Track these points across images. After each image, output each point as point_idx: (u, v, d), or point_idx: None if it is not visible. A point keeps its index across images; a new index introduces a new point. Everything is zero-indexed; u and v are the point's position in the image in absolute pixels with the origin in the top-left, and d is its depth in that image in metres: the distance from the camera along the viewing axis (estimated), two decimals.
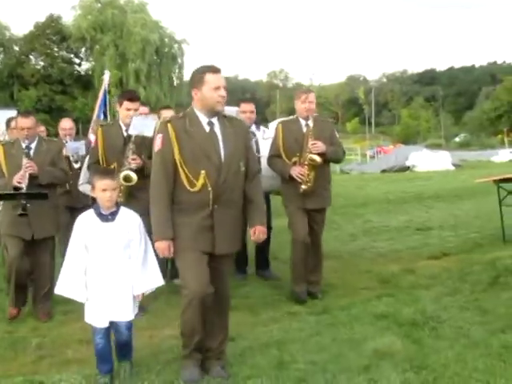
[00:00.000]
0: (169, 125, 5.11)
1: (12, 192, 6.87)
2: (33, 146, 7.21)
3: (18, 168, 6.90)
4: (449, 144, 71.85)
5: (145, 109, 8.33)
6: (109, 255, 5.06)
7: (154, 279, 5.24)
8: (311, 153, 7.26)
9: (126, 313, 5.13)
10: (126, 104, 7.15)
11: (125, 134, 7.10)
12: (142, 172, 6.85)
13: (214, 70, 5.17)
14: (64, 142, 9.06)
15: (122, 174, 6.71)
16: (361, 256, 9.92)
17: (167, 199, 5.11)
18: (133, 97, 7.34)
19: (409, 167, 35.37)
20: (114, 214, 5.14)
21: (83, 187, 7.78)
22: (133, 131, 6.96)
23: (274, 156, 7.68)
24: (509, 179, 10.34)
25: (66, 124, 9.72)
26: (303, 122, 7.53)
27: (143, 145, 7.00)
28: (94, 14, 56.46)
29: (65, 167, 7.55)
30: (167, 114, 8.31)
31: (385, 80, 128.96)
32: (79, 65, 60.72)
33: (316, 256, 7.70)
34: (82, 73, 60.09)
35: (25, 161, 6.94)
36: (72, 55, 59.84)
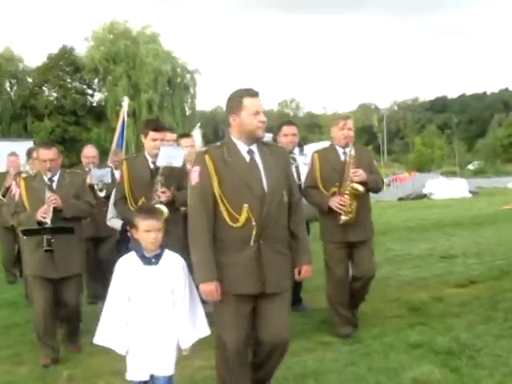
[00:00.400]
0: (206, 156, 4.77)
1: (37, 227, 6.59)
2: (55, 178, 6.94)
3: (40, 202, 6.64)
4: (463, 171, 71.72)
5: (173, 135, 8.07)
6: (152, 302, 4.63)
7: (202, 328, 4.82)
8: (352, 181, 6.81)
9: (167, 366, 4.69)
10: (152, 134, 6.80)
11: (151, 166, 6.82)
12: (172, 205, 6.60)
13: (252, 94, 4.87)
14: (87, 169, 9.08)
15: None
16: (387, 284, 9.74)
17: (209, 236, 4.71)
18: (158, 126, 7.04)
19: (426, 195, 35.08)
20: (158, 257, 4.71)
21: (111, 222, 7.60)
22: (161, 162, 6.67)
23: (310, 187, 7.19)
24: None
25: (89, 152, 9.50)
26: (340, 150, 7.10)
27: (172, 176, 6.75)
28: (107, 45, 56.76)
29: (89, 199, 7.25)
30: (186, 142, 8.35)
31: (396, 108, 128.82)
32: (92, 96, 60.82)
33: (363, 291, 7.26)
34: (95, 104, 60.33)
35: (48, 194, 6.65)
36: (85, 86, 59.92)
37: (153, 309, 4.62)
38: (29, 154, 9.58)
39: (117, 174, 9.08)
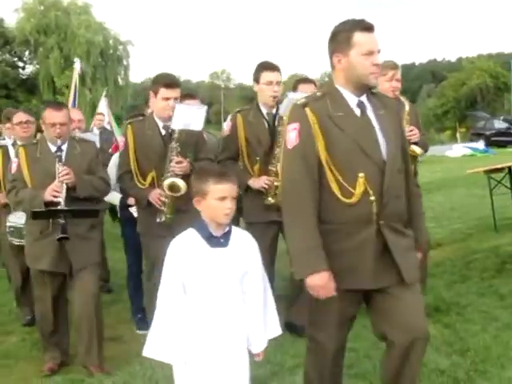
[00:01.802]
0: (307, 110, 3.70)
1: (57, 208, 5.40)
2: (64, 147, 5.69)
3: (46, 177, 5.52)
4: None
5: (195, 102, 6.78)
6: (221, 295, 3.59)
7: (273, 327, 3.81)
8: (410, 142, 5.68)
9: (241, 379, 3.65)
10: (164, 92, 5.61)
11: (163, 132, 5.72)
12: (188, 178, 5.30)
13: (366, 27, 3.76)
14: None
15: (166, 183, 5.49)
16: None
17: (315, 215, 3.66)
18: (172, 82, 5.74)
19: None
20: (227, 236, 3.66)
21: (110, 196, 6.62)
22: (177, 124, 5.51)
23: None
24: (497, 170, 10.61)
25: (75, 115, 8.31)
26: None
27: (187, 143, 5.67)
28: (38, 16, 54.96)
29: (105, 175, 5.99)
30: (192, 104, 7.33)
31: (327, 79, 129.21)
32: (23, 68, 58.99)
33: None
34: (26, 77, 58.75)
35: (59, 167, 5.47)
36: (16, 59, 58.03)
37: (222, 304, 3.60)
38: (6, 117, 8.26)
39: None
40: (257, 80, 6.12)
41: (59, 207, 5.42)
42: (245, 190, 6.09)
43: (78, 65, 13.57)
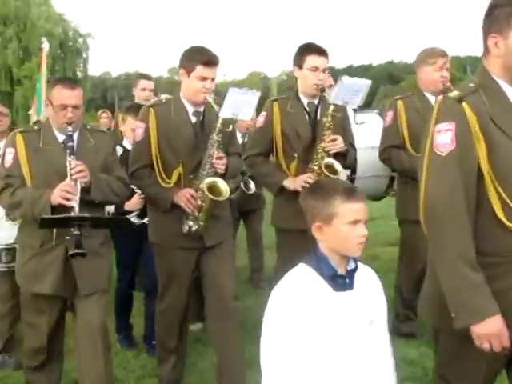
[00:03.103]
0: (465, 105, 2.85)
1: (78, 216, 4.10)
2: (75, 137, 4.40)
3: (51, 173, 4.28)
4: None
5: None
6: (346, 353, 2.66)
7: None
8: None
9: None
10: (201, 70, 4.49)
11: (193, 119, 4.65)
12: (223, 178, 4.61)
13: None
14: None
15: (205, 182, 4.47)
16: None
17: (473, 243, 2.81)
18: (211, 59, 4.57)
19: None
20: (352, 274, 2.77)
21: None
22: (226, 112, 4.48)
23: (391, 147, 5.50)
24: None
25: None
26: (432, 98, 5.38)
27: (225, 135, 4.64)
28: None
29: (123, 174, 4.70)
30: (147, 84, 7.30)
31: (285, 77, 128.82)
32: None
33: None
34: None
35: (72, 161, 4.18)
36: None
37: (347, 366, 2.67)
38: None
39: None
40: (299, 65, 5.21)
41: (73, 213, 4.09)
42: (277, 192, 5.24)
43: (46, 44, 12.51)
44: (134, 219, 5.56)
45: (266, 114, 5.19)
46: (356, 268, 2.77)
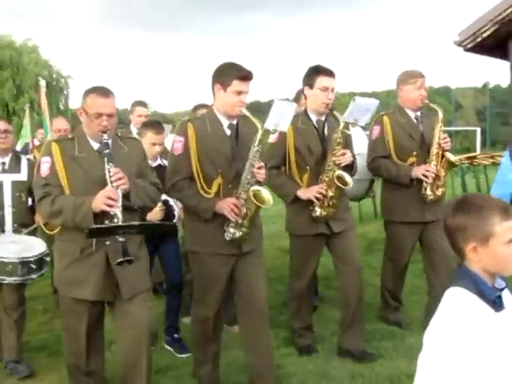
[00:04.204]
0: None
1: (128, 224, 3.31)
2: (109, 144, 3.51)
3: (89, 181, 3.41)
4: None
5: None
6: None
7: None
8: (444, 150, 4.62)
9: None
10: (237, 85, 3.67)
11: (227, 132, 3.81)
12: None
13: None
14: None
15: (252, 190, 3.66)
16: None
17: None
18: (248, 74, 3.74)
19: None
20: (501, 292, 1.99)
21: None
22: (270, 123, 3.79)
23: (379, 157, 4.86)
24: None
25: (60, 124, 6.21)
26: (412, 114, 4.83)
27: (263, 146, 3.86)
28: None
29: (156, 179, 3.80)
30: (142, 111, 6.25)
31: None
32: None
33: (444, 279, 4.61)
34: None
35: (111, 169, 3.33)
36: None
37: None
38: None
39: None
40: (310, 85, 4.40)
41: (119, 222, 3.24)
42: (290, 202, 4.49)
43: (43, 83, 11.71)
44: None
45: (279, 131, 4.28)
46: (506, 286, 1.99)
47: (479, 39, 8.85)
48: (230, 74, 3.72)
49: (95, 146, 3.51)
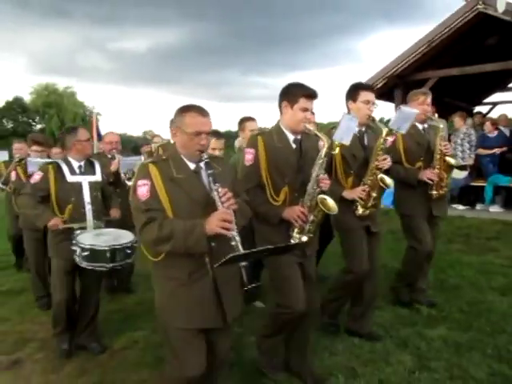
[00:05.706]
0: None
1: (262, 248, 2.28)
2: (203, 165, 2.41)
3: (189, 202, 2.31)
4: None
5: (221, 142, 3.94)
6: None
7: None
8: (445, 155, 3.99)
9: None
10: (304, 102, 2.83)
11: (293, 146, 2.93)
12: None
13: None
14: (109, 156, 4.82)
15: (319, 198, 2.87)
16: None
17: None
18: (313, 92, 2.87)
19: None
20: None
21: None
22: (337, 136, 3.08)
23: (393, 163, 3.96)
24: None
25: (112, 137, 4.95)
26: (419, 125, 4.12)
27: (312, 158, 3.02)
28: (43, 97, 50.82)
29: (246, 197, 2.66)
30: (253, 125, 4.53)
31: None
32: (35, 126, 53.55)
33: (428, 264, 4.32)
34: (37, 131, 53.93)
35: (219, 189, 2.25)
36: (30, 120, 53.42)
37: None
38: (32, 140, 5.05)
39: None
40: (354, 99, 3.50)
41: (233, 243, 2.15)
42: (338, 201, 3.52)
43: (94, 111, 10.98)
44: None
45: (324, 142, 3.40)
46: None
47: (375, 88, 9.55)
48: (296, 92, 2.87)
49: (191, 165, 2.40)
